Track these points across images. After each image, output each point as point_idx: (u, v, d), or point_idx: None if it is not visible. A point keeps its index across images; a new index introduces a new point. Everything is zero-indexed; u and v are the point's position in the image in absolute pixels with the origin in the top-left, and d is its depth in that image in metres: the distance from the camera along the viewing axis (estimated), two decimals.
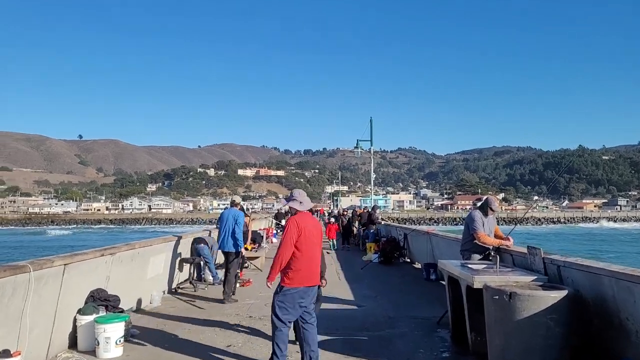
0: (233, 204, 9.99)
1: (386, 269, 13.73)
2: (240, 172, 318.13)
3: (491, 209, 7.42)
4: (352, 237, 22.76)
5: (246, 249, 12.04)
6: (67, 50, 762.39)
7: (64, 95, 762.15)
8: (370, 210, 20.42)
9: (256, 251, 14.01)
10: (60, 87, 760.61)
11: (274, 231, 24.44)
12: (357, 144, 22.79)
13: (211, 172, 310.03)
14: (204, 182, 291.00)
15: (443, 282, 11.23)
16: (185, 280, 10.13)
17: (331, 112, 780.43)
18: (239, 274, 11.77)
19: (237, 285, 10.48)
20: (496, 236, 7.47)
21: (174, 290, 9.85)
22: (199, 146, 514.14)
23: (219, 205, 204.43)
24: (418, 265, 14.41)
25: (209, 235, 12.53)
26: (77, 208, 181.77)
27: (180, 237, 10.18)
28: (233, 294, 9.18)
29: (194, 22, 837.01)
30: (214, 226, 13.79)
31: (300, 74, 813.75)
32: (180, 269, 10.18)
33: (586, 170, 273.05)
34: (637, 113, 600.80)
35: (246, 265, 13.48)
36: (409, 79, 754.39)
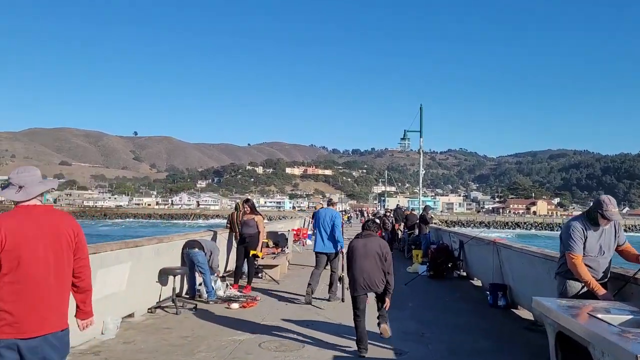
0: (330, 203, 9.96)
1: (437, 287, 10.82)
2: (288, 170, 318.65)
3: (603, 216, 4.51)
4: (397, 241, 19.84)
5: (255, 256, 9.49)
6: (124, 50, 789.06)
7: (121, 93, 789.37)
8: (422, 211, 17.25)
9: (274, 257, 11.45)
10: (118, 85, 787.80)
11: (309, 232, 21.86)
12: (404, 135, 19.86)
13: (260, 170, 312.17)
14: (252, 179, 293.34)
15: (515, 312, 8.29)
16: (168, 299, 7.63)
17: (380, 112, 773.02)
18: (245, 288, 9.25)
19: (237, 306, 7.95)
20: (626, 255, 4.63)
21: (150, 311, 7.39)
22: (249, 144, 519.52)
23: (265, 202, 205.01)
24: (477, 282, 11.44)
25: (213, 236, 10.05)
26: (129, 202, 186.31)
27: (164, 240, 7.75)
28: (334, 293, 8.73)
29: (245, 20, 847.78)
30: (225, 226, 11.44)
31: (351, 74, 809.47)
32: (163, 283, 7.73)
33: None
34: None
35: (260, 275, 10.94)
36: (461, 79, 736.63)
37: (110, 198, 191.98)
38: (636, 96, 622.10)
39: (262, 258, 10.41)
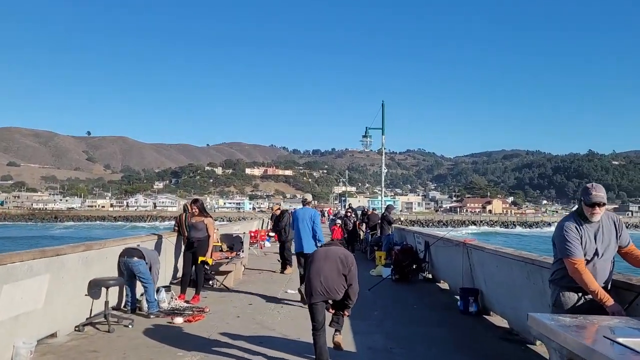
0: (305, 202, 9.49)
1: (403, 292, 10.11)
2: (248, 171, 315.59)
3: (588, 203, 3.90)
4: (358, 242, 19.14)
5: (205, 262, 8.57)
6: (76, 47, 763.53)
7: (72, 91, 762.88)
8: (384, 210, 16.50)
9: (227, 262, 10.51)
10: (70, 83, 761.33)
11: (267, 235, 20.92)
12: (366, 132, 19.21)
13: (219, 170, 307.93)
14: (211, 180, 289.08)
15: (488, 318, 7.39)
16: (100, 314, 6.62)
17: (340, 112, 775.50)
18: (193, 298, 8.33)
19: (181, 320, 7.02)
20: (631, 259, 4.00)
21: (78, 330, 6.36)
22: (208, 144, 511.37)
23: (225, 203, 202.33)
24: (444, 285, 10.84)
25: (158, 241, 9.05)
26: (81, 204, 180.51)
27: (93, 247, 6.73)
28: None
29: (203, 22, 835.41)
30: (172, 229, 10.45)
31: (309, 74, 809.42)
32: (95, 296, 6.70)
33: (595, 175, 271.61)
34: None
35: (211, 282, 10.00)
36: (419, 81, 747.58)
37: (61, 200, 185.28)
38: (584, 98, 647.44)
39: (213, 264, 9.46)
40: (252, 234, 19.16)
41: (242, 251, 12.27)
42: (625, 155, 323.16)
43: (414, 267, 11.98)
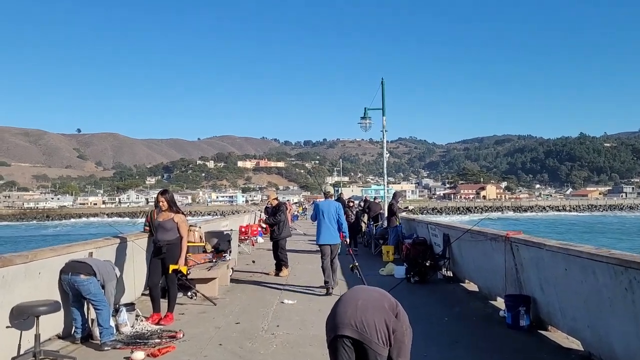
0: (327, 195, 9.77)
1: (425, 296, 8.32)
2: (240, 164, 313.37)
3: None
4: (361, 235, 17.36)
5: (177, 271, 6.80)
6: (63, 44, 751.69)
7: (61, 89, 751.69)
8: (391, 199, 14.52)
9: (210, 268, 8.67)
10: (58, 81, 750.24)
11: (260, 229, 19.11)
12: (364, 113, 17.31)
13: (211, 164, 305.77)
14: (203, 174, 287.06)
15: (547, 335, 5.44)
16: (29, 351, 4.82)
17: (331, 103, 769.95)
18: (165, 318, 6.56)
19: (142, 355, 5.23)
20: None
21: None
22: (199, 138, 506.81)
23: (217, 197, 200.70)
24: (470, 286, 9.11)
25: (120, 246, 7.25)
26: (73, 202, 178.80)
27: (15, 262, 4.90)
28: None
29: (190, 15, 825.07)
30: (143, 229, 8.62)
31: (299, 65, 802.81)
32: (22, 327, 4.91)
33: (588, 158, 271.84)
34: (637, 100, 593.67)
35: (189, 294, 8.22)
36: (409, 69, 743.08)
37: (53, 199, 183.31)
38: (574, 81, 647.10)
39: (188, 273, 7.63)
40: (243, 230, 17.41)
41: (230, 252, 10.46)
42: (617, 137, 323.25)
43: (428, 263, 10.27)
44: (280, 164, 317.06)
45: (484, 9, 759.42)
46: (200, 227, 10.61)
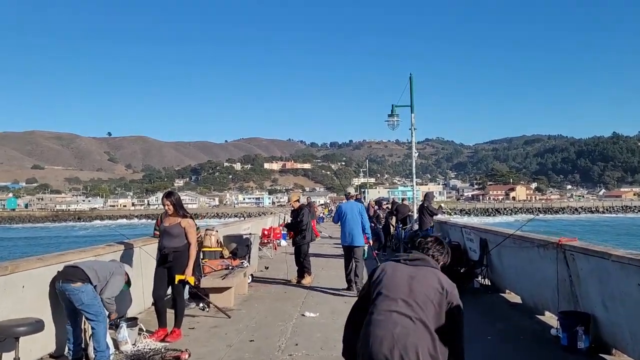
0: (349, 196, 9.85)
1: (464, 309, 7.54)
2: (266, 165, 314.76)
3: None
4: (389, 239, 16.48)
5: (184, 282, 6.14)
6: (94, 50, 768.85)
7: (92, 93, 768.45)
8: (423, 200, 13.55)
9: (225, 276, 7.98)
10: (89, 85, 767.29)
11: (284, 232, 18.41)
12: (392, 110, 16.46)
13: (237, 166, 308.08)
14: (230, 176, 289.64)
15: (610, 358, 4.24)
16: None
17: (357, 104, 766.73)
18: (172, 334, 5.90)
19: None
20: None
21: None
22: (226, 141, 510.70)
23: (244, 199, 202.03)
24: (511, 297, 8.20)
25: (125, 252, 6.63)
26: (104, 204, 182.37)
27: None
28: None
29: (217, 21, 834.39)
30: (153, 233, 7.99)
31: (326, 66, 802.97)
32: (3, 349, 4.30)
33: (621, 158, 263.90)
34: None
35: (201, 305, 7.55)
36: (435, 69, 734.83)
37: (84, 201, 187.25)
38: (605, 78, 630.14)
39: (197, 284, 6.96)
40: (266, 232, 16.77)
41: (249, 258, 9.78)
42: None
43: (462, 270, 9.42)
44: (307, 166, 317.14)
45: (514, 8, 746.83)
46: (217, 231, 9.96)
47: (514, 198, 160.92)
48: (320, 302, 8.13)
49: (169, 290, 6.28)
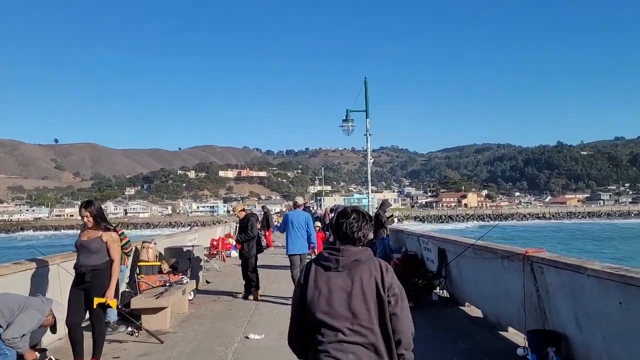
0: (296, 205, 9.83)
1: (423, 326, 6.68)
2: (221, 173, 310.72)
3: None
4: None
5: (104, 305, 5.30)
6: (39, 52, 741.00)
7: (37, 98, 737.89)
8: (378, 208, 13.03)
9: (159, 295, 7.12)
10: (34, 90, 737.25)
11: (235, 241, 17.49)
12: (346, 115, 15.97)
13: (191, 174, 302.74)
14: (184, 184, 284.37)
15: None
16: None
17: (313, 112, 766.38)
18: None
19: None
20: None
21: None
22: (180, 148, 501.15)
23: (198, 207, 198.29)
24: (471, 310, 7.73)
25: (39, 273, 5.73)
26: (49, 214, 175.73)
27: None
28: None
29: (171, 21, 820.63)
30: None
31: (281, 74, 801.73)
32: None
33: (565, 166, 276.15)
34: (612, 109, 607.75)
35: (130, 329, 6.67)
36: (391, 79, 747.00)
37: (27, 210, 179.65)
38: (550, 90, 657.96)
39: (121, 308, 6.08)
40: (215, 243, 15.88)
41: (190, 272, 8.93)
42: (594, 145, 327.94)
43: (420, 282, 8.91)
44: (262, 174, 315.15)
45: (465, 16, 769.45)
46: (155, 243, 9.09)
47: (465, 205, 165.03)
48: (267, 322, 7.39)
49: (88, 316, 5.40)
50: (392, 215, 15.18)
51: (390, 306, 2.52)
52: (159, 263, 8.85)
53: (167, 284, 7.87)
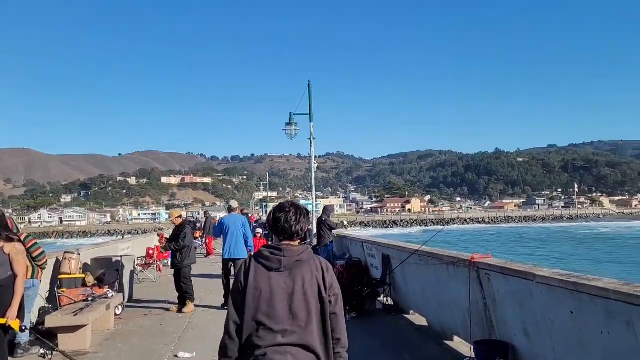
0: (231, 209, 9.71)
1: (366, 336, 6.44)
2: (164, 180, 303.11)
3: None
4: None
5: (5, 327, 4.63)
6: None
7: None
8: (321, 213, 12.69)
9: (77, 312, 6.43)
10: None
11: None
12: (290, 119, 15.55)
13: (132, 180, 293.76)
14: (124, 191, 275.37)
15: None
16: None
17: (259, 118, 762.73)
18: None
19: None
20: None
21: None
22: (120, 154, 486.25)
23: (139, 215, 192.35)
24: (416, 318, 7.49)
25: None
26: None
27: None
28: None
29: (115, 19, 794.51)
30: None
31: (226, 78, 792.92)
32: None
33: (503, 172, 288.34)
34: (544, 117, 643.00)
35: (43, 351, 5.97)
36: (336, 84, 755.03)
37: None
38: (490, 99, 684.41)
39: (25, 329, 5.41)
40: (150, 252, 15.04)
41: (117, 285, 8.24)
42: (529, 152, 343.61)
43: (365, 290, 8.61)
44: (207, 180, 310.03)
45: (407, 24, 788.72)
46: (79, 254, 8.34)
47: (409, 210, 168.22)
48: (200, 337, 6.82)
49: None
50: (341, 222, 14.90)
51: (331, 306, 2.54)
52: (83, 275, 8.11)
53: (90, 298, 7.17)
